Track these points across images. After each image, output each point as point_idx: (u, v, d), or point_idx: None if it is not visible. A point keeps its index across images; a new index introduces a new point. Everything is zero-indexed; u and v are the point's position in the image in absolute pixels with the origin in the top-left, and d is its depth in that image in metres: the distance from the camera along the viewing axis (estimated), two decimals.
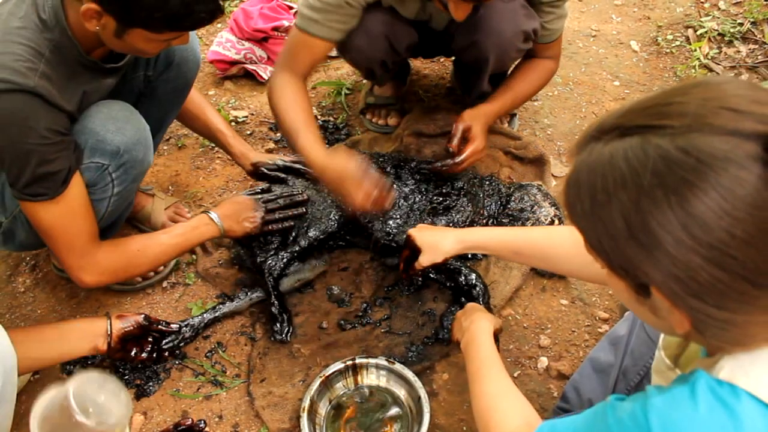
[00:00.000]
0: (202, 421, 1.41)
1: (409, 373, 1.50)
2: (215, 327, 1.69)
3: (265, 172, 1.85)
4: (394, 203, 1.72)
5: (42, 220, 1.40)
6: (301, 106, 1.72)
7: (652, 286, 0.70)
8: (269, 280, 1.68)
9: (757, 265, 0.64)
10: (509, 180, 1.99)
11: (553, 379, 1.55)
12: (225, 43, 2.47)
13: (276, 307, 1.65)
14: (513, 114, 2.21)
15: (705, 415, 0.68)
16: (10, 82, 1.25)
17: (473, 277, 1.65)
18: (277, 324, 1.63)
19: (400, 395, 1.51)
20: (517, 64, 1.97)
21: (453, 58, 2.26)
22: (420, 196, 1.80)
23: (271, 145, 2.21)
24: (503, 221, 1.83)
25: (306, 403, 1.45)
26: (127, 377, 1.58)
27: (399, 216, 1.76)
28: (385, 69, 1.91)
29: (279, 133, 2.25)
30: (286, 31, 2.49)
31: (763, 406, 0.68)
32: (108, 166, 1.46)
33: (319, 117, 2.31)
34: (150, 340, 1.56)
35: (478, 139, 1.77)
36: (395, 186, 1.80)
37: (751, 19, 2.62)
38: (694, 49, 2.51)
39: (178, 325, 1.61)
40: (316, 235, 1.74)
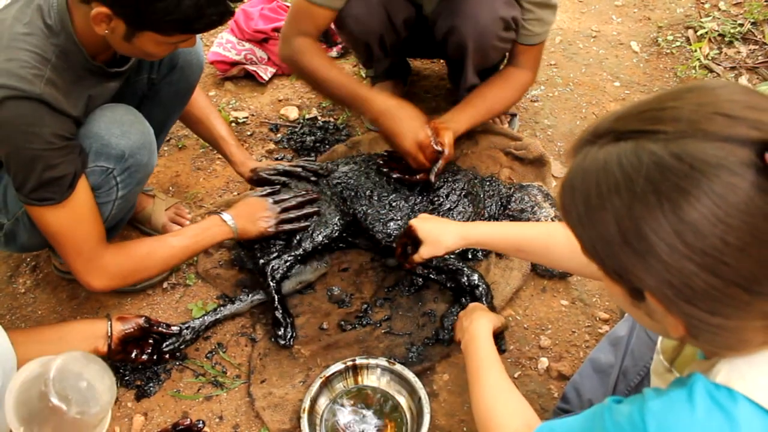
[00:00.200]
0: (201, 422, 1.41)
1: (410, 374, 1.50)
2: (216, 328, 1.69)
3: (265, 177, 1.83)
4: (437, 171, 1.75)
5: (49, 225, 1.40)
6: (334, 63, 1.82)
7: (646, 291, 0.70)
8: (272, 283, 1.67)
9: (750, 272, 0.64)
10: (509, 180, 1.99)
11: (553, 379, 1.56)
12: (225, 44, 2.47)
13: (279, 311, 1.64)
14: (513, 114, 2.22)
15: (702, 418, 0.69)
16: (17, 89, 1.25)
17: (476, 277, 1.64)
18: (281, 329, 1.63)
19: (401, 396, 1.51)
20: (493, 76, 1.97)
21: (448, 66, 2.27)
22: (420, 197, 1.80)
23: (271, 145, 2.21)
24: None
25: (306, 403, 1.45)
26: (127, 378, 1.58)
27: (400, 217, 1.76)
28: (383, 50, 1.91)
29: (279, 134, 2.26)
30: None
31: (760, 409, 0.68)
32: (113, 170, 1.46)
33: (319, 118, 2.31)
34: (150, 342, 1.56)
35: (450, 150, 1.77)
36: (395, 187, 1.81)
37: (751, 20, 2.62)
38: (695, 50, 2.51)
39: (178, 328, 1.60)
40: (321, 239, 1.73)
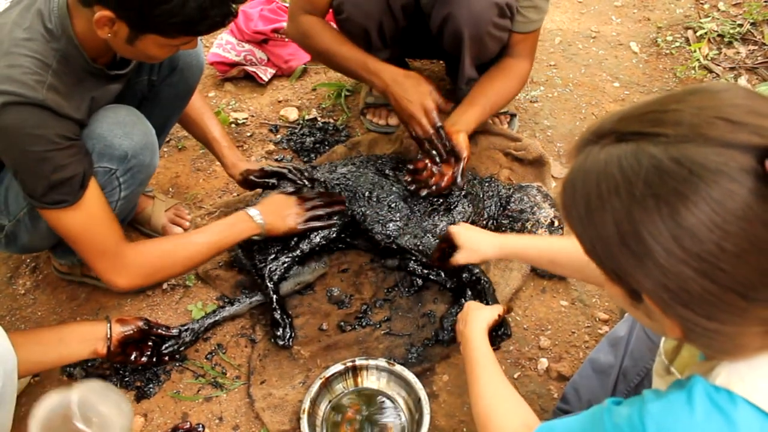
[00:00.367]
0: (201, 425, 1.41)
1: (410, 375, 1.50)
2: (215, 329, 1.69)
3: (255, 180, 1.83)
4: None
5: (69, 228, 1.40)
6: (346, 39, 1.84)
7: (643, 293, 0.70)
8: (269, 285, 1.67)
9: (746, 279, 0.64)
10: (509, 181, 1.99)
11: (553, 380, 1.55)
12: (225, 45, 2.47)
13: (278, 312, 1.64)
14: (513, 115, 2.22)
15: (701, 421, 0.68)
16: (19, 95, 1.25)
17: (477, 270, 1.65)
18: (280, 329, 1.63)
19: (400, 397, 1.51)
20: (490, 69, 1.95)
21: (446, 63, 2.26)
22: (420, 198, 1.80)
23: (270, 146, 2.21)
24: (503, 222, 1.83)
25: (306, 404, 1.45)
26: (127, 379, 1.58)
27: (399, 218, 1.76)
28: (382, 40, 1.91)
29: (279, 135, 2.26)
30: (286, 33, 2.50)
31: (760, 412, 0.68)
32: (116, 171, 1.46)
33: (319, 119, 2.31)
34: (150, 344, 1.56)
35: (468, 152, 1.76)
36: (394, 188, 1.81)
37: (750, 20, 2.62)
38: (694, 51, 2.51)
39: (177, 330, 1.60)
40: (318, 240, 1.73)
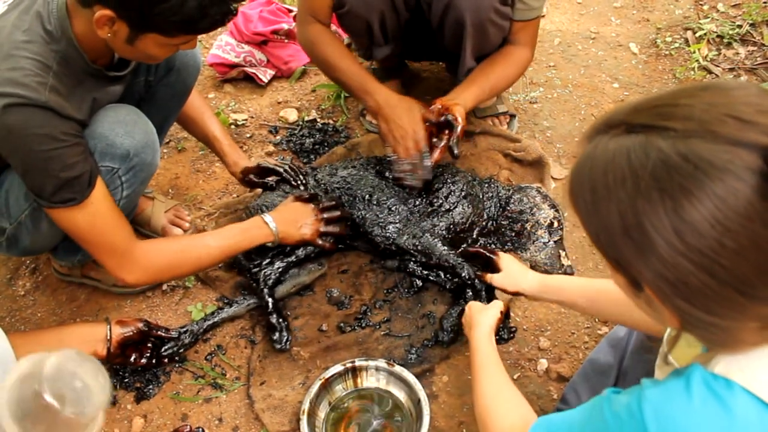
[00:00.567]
0: (201, 429, 1.41)
1: (409, 376, 1.50)
2: (215, 330, 1.69)
3: (254, 180, 1.85)
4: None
5: (79, 226, 1.40)
6: (349, 53, 1.90)
7: (644, 283, 0.71)
8: (265, 290, 1.68)
9: (745, 276, 0.64)
10: (508, 182, 1.99)
11: (552, 381, 1.55)
12: (225, 47, 2.48)
13: (274, 316, 1.64)
14: (512, 115, 2.22)
15: (698, 406, 0.70)
16: (22, 97, 1.26)
17: (475, 269, 1.65)
18: (276, 333, 1.63)
19: (400, 398, 1.51)
20: (492, 54, 1.95)
21: (446, 62, 2.27)
22: (419, 199, 1.80)
23: (270, 148, 2.21)
24: (502, 223, 1.83)
25: (306, 405, 1.45)
26: (127, 380, 1.58)
27: (399, 221, 1.76)
28: (384, 34, 1.91)
29: (278, 136, 2.26)
30: (286, 34, 2.50)
31: (757, 400, 0.68)
32: (118, 170, 1.47)
33: (318, 120, 2.31)
34: (149, 346, 1.56)
35: (464, 122, 1.77)
36: (394, 191, 1.81)
37: (749, 21, 2.62)
38: (693, 51, 2.51)
39: (177, 332, 1.61)
40: (313, 247, 1.74)
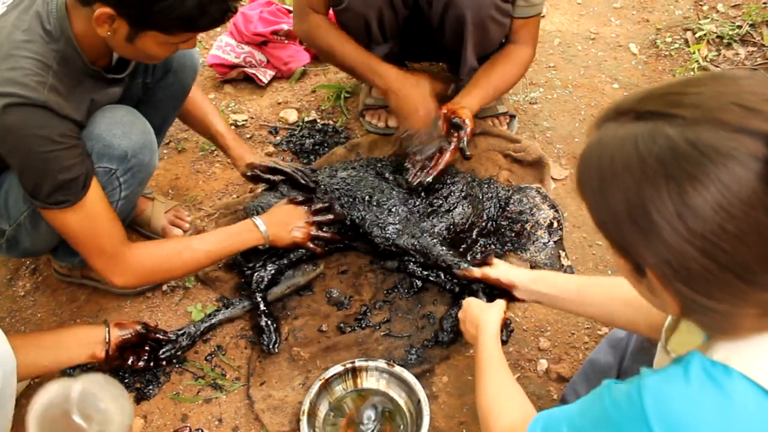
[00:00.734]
0: (201, 430, 1.41)
1: (409, 376, 1.50)
2: (215, 331, 1.69)
3: (260, 175, 1.85)
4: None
5: (70, 228, 1.40)
6: (351, 38, 1.87)
7: (647, 268, 0.72)
8: (256, 292, 1.68)
9: (746, 261, 0.65)
10: (508, 182, 1.99)
11: (552, 381, 1.55)
12: (224, 47, 2.48)
13: (263, 318, 1.64)
14: (512, 116, 2.22)
15: (696, 391, 0.71)
16: (21, 97, 1.26)
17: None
18: (264, 336, 1.63)
19: (400, 398, 1.51)
20: (493, 53, 1.96)
21: (447, 62, 2.27)
22: (419, 200, 1.80)
23: (270, 148, 2.21)
24: (502, 223, 1.83)
25: (306, 406, 1.45)
26: (126, 381, 1.58)
27: (398, 221, 1.76)
28: (382, 32, 1.91)
29: (278, 136, 2.26)
30: (286, 35, 2.50)
31: (756, 386, 0.69)
32: (116, 171, 1.47)
33: (318, 120, 2.31)
34: (147, 348, 1.56)
35: (473, 124, 1.80)
36: (394, 192, 1.81)
37: (749, 22, 2.62)
38: (693, 52, 2.51)
39: (175, 334, 1.61)
40: (306, 251, 1.74)
